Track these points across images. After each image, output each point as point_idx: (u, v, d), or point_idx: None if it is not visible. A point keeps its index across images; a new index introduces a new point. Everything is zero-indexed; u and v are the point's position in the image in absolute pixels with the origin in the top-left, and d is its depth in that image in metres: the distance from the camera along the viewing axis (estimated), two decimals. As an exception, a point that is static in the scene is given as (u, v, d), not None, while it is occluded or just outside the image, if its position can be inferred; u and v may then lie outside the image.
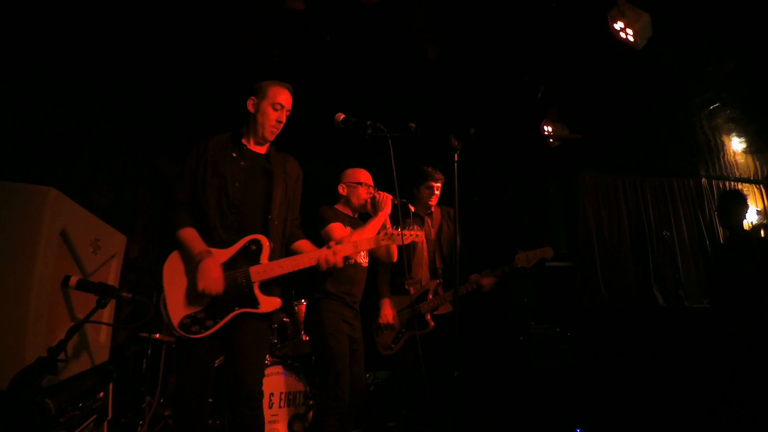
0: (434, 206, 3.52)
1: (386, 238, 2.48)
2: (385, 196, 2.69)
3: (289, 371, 3.17)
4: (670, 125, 5.20)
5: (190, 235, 2.12)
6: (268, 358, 3.21)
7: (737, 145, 5.76)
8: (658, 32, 3.31)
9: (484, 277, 3.36)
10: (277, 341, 3.45)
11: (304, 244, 2.36)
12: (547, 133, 4.61)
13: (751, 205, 5.69)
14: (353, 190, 2.82)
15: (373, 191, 2.81)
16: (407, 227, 2.54)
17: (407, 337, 3.25)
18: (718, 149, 5.68)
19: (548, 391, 3.84)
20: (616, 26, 3.24)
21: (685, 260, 5.26)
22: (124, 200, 3.94)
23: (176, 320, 2.03)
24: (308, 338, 3.43)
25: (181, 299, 2.07)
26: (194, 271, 2.07)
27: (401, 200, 2.46)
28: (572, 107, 4.66)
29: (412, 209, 3.36)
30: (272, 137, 2.31)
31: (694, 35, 3.76)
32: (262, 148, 2.33)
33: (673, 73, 4.30)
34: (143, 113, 4.16)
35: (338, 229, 2.62)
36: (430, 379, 2.23)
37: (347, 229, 2.67)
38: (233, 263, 2.11)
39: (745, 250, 3.31)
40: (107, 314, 2.07)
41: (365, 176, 2.87)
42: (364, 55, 3.91)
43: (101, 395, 1.98)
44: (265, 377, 2.98)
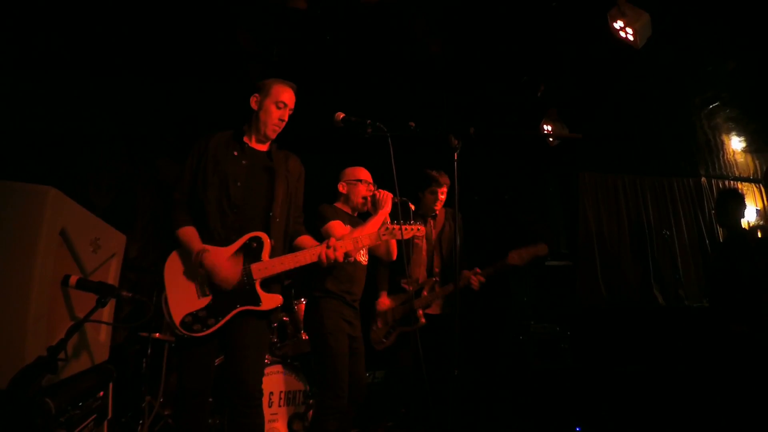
0: (436, 212, 3.53)
1: (387, 233, 2.46)
2: (385, 194, 2.69)
3: (288, 370, 3.17)
4: (669, 125, 5.20)
5: (189, 233, 2.12)
6: (268, 357, 3.21)
7: (737, 144, 5.76)
8: (657, 32, 3.31)
9: (473, 275, 3.27)
10: (276, 340, 3.45)
11: (306, 239, 2.36)
12: (546, 132, 4.61)
13: (750, 204, 5.69)
14: (353, 187, 2.83)
15: (373, 188, 2.81)
16: (408, 222, 2.53)
17: (398, 332, 3.26)
18: (717, 148, 5.68)
19: (548, 390, 3.84)
20: (615, 25, 3.24)
21: (684, 260, 5.26)
22: (123, 200, 3.94)
23: (178, 319, 2.03)
24: (308, 337, 3.43)
25: (182, 298, 2.07)
26: (195, 269, 2.08)
27: (401, 198, 2.46)
28: (572, 106, 4.66)
29: (412, 207, 3.36)
30: (274, 135, 2.31)
31: (693, 35, 3.76)
32: (263, 146, 2.33)
33: (672, 72, 4.30)
34: (143, 113, 4.16)
35: (338, 226, 2.62)
36: (430, 378, 2.23)
37: (347, 227, 2.67)
38: (234, 259, 2.12)
39: (742, 249, 3.32)
40: (107, 313, 2.07)
41: (365, 174, 2.87)
42: (363, 54, 3.91)
43: (101, 394, 1.97)
44: (264, 376, 3.00)
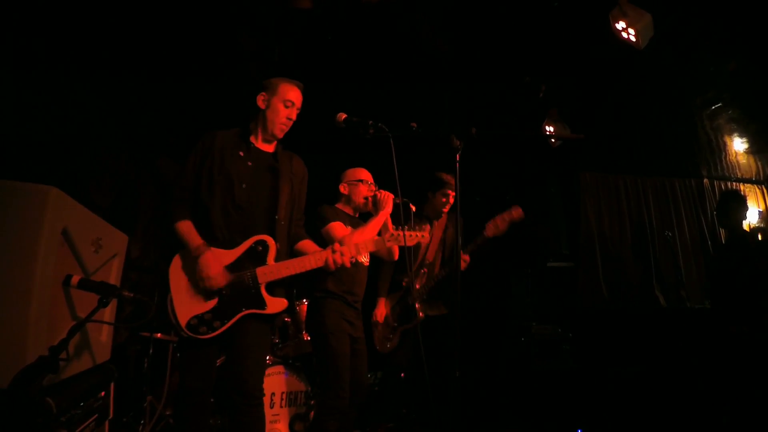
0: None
1: (392, 239, 2.48)
2: (386, 194, 2.68)
3: (290, 371, 3.17)
4: (671, 125, 5.19)
5: (186, 228, 2.11)
6: (269, 357, 3.21)
7: (739, 145, 5.74)
8: (659, 32, 3.30)
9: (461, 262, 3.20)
10: (278, 341, 3.46)
11: (308, 244, 2.36)
12: (548, 132, 4.60)
13: (752, 206, 5.68)
14: (354, 187, 2.83)
15: (374, 188, 2.81)
16: (415, 228, 2.54)
17: (400, 331, 3.28)
18: (719, 149, 5.67)
19: (549, 391, 3.84)
20: (617, 26, 3.23)
21: (686, 261, 5.25)
22: (125, 200, 3.94)
23: (184, 321, 2.03)
24: (310, 338, 3.44)
25: (188, 300, 2.06)
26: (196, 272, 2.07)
27: (403, 199, 2.47)
28: (574, 107, 4.65)
29: (413, 209, 3.36)
30: (282, 135, 2.29)
31: (695, 35, 3.75)
32: (269, 146, 2.32)
33: (674, 73, 4.29)
34: (145, 113, 4.16)
35: (339, 228, 2.62)
36: (430, 379, 2.22)
37: (348, 228, 2.67)
38: (239, 264, 2.11)
39: (743, 250, 3.31)
40: (108, 313, 2.07)
41: (366, 174, 2.87)
42: (364, 54, 3.91)
43: (102, 394, 1.98)
44: (266, 377, 3.01)
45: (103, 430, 1.99)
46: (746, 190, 5.77)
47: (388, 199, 2.67)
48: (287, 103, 2.25)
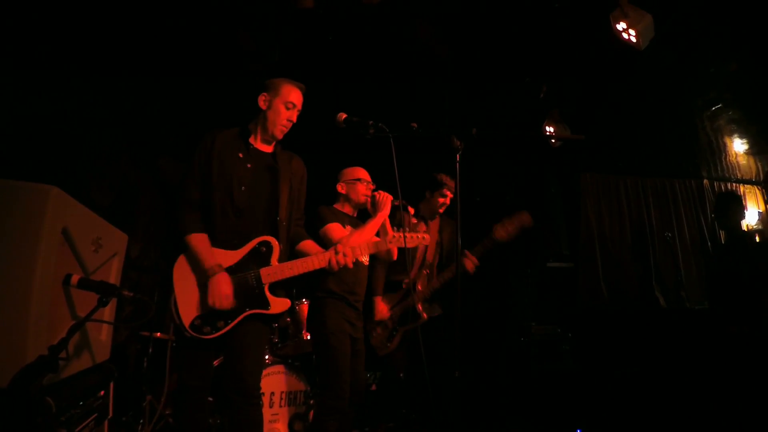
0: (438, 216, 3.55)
1: (394, 241, 2.50)
2: (385, 196, 2.69)
3: (290, 370, 3.17)
4: (672, 126, 5.19)
5: (201, 244, 2.08)
6: (269, 357, 3.21)
7: (739, 146, 5.75)
8: (660, 33, 3.30)
9: (465, 258, 3.24)
10: (278, 340, 3.45)
11: (309, 244, 2.37)
12: (549, 133, 4.61)
13: (752, 207, 5.68)
14: (352, 187, 2.83)
15: (372, 187, 2.82)
16: (415, 229, 2.55)
17: (401, 333, 3.25)
18: (720, 150, 5.67)
19: (549, 392, 3.84)
20: (618, 27, 3.24)
21: (686, 261, 5.25)
22: (125, 199, 3.94)
23: (188, 321, 2.04)
24: (309, 337, 3.43)
25: (191, 301, 2.07)
26: (204, 277, 2.06)
27: (402, 201, 2.47)
28: (574, 108, 4.66)
29: (411, 211, 3.38)
30: (282, 136, 2.29)
31: (696, 36, 3.75)
32: (269, 146, 2.31)
33: (675, 74, 4.30)
34: (145, 112, 4.16)
35: (336, 229, 2.62)
36: (430, 379, 2.22)
37: (346, 228, 2.68)
38: (243, 265, 2.12)
39: (743, 251, 3.31)
40: (108, 313, 2.07)
41: (363, 173, 2.88)
42: (365, 54, 3.91)
43: (102, 394, 1.98)
44: (266, 376, 3.01)
45: (102, 429, 1.99)
46: (746, 191, 5.77)
47: (386, 200, 2.67)
48: (289, 104, 2.24)
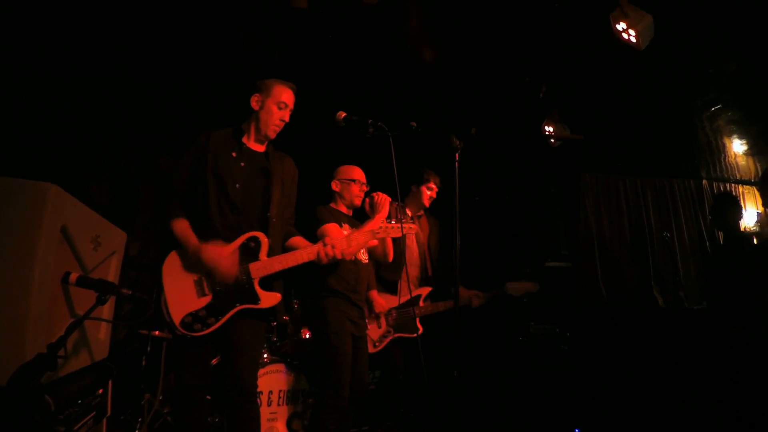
0: (424, 212, 3.57)
1: (382, 230, 2.50)
2: (383, 198, 2.70)
3: (288, 369, 3.17)
4: (671, 126, 5.19)
5: (182, 227, 2.14)
6: (267, 356, 3.21)
7: (738, 147, 5.74)
8: (660, 33, 3.30)
9: (474, 297, 3.59)
10: (276, 339, 3.45)
11: (298, 240, 2.40)
12: (548, 133, 4.60)
13: (751, 207, 5.68)
14: (346, 186, 2.86)
15: (366, 188, 2.83)
16: (402, 221, 2.56)
17: (393, 338, 3.24)
18: (719, 151, 5.67)
19: (547, 391, 3.84)
20: (618, 27, 3.23)
21: (685, 261, 5.25)
22: (124, 197, 3.94)
23: (178, 319, 2.05)
24: (308, 336, 3.44)
25: (181, 298, 2.08)
26: (195, 267, 2.09)
27: (399, 203, 2.48)
28: (574, 108, 4.65)
29: (409, 213, 3.40)
30: (274, 135, 2.33)
31: (696, 36, 3.75)
32: (261, 146, 2.35)
33: (674, 74, 4.29)
34: (144, 111, 4.16)
35: (333, 229, 2.64)
36: (429, 379, 2.23)
37: (343, 227, 2.69)
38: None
39: (741, 252, 3.32)
40: (107, 311, 2.08)
41: (358, 173, 2.88)
42: (365, 54, 3.90)
43: (100, 392, 1.98)
44: (264, 375, 3.01)
45: (101, 427, 1.99)
46: (745, 191, 5.77)
47: (384, 202, 2.68)
48: (281, 104, 2.28)
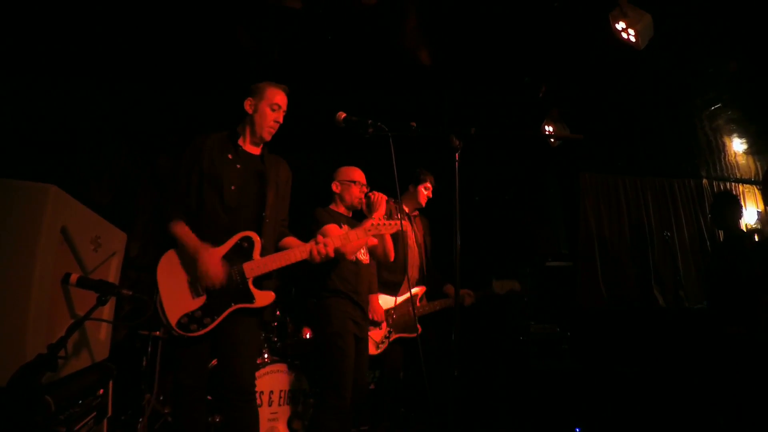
0: (418, 212, 3.58)
1: (373, 228, 2.49)
2: (380, 196, 2.71)
3: (289, 369, 3.17)
4: (671, 126, 5.19)
5: (181, 229, 2.15)
6: (268, 356, 3.22)
7: (738, 146, 5.74)
8: (659, 33, 3.30)
9: (467, 296, 3.61)
10: (277, 339, 3.45)
11: (291, 240, 2.42)
12: (548, 132, 4.60)
13: (751, 206, 5.68)
14: (346, 187, 2.85)
15: (366, 190, 2.83)
16: (392, 218, 2.56)
17: (394, 338, 3.24)
18: (719, 150, 5.67)
19: (548, 391, 3.84)
20: (617, 26, 3.23)
21: (685, 261, 5.25)
22: (124, 198, 3.94)
23: (174, 320, 2.06)
24: (309, 336, 3.43)
25: (177, 299, 2.09)
26: (190, 268, 2.11)
27: (396, 202, 2.48)
28: (574, 107, 4.65)
29: (407, 210, 3.39)
30: (269, 137, 2.36)
31: (695, 36, 3.75)
32: (256, 149, 2.38)
33: (674, 73, 4.29)
34: (144, 112, 4.16)
35: (333, 230, 2.64)
36: (429, 379, 2.23)
37: (343, 228, 2.68)
38: (226, 260, 2.15)
39: (741, 251, 3.32)
40: (107, 311, 2.08)
41: (359, 175, 2.88)
42: (364, 54, 3.90)
43: (101, 392, 1.98)
44: (265, 375, 3.02)
45: (101, 428, 1.99)
46: (745, 190, 5.77)
47: (381, 200, 2.69)
48: (274, 106, 2.31)
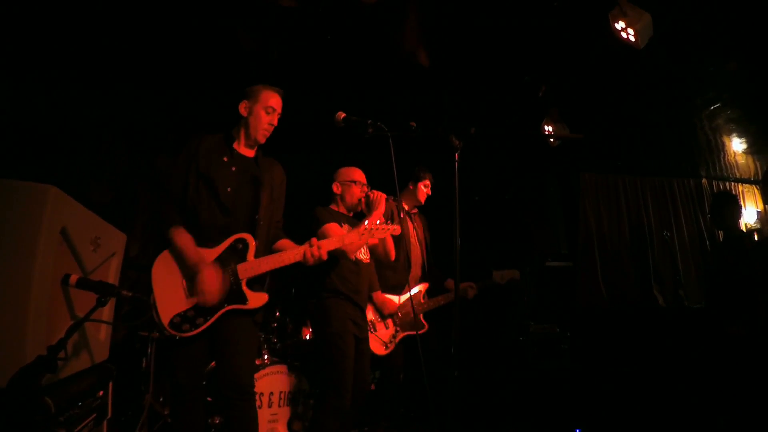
0: (417, 210, 3.58)
1: (366, 233, 2.48)
2: (378, 195, 2.70)
3: (289, 370, 3.17)
4: (670, 125, 5.19)
5: (183, 240, 2.13)
6: (267, 357, 3.21)
7: (738, 145, 5.75)
8: (659, 32, 3.30)
9: (469, 289, 3.64)
10: (277, 340, 3.45)
11: (285, 242, 2.42)
12: (547, 132, 4.61)
13: (751, 206, 5.68)
14: (347, 188, 2.85)
15: (366, 190, 2.82)
16: (392, 218, 2.55)
17: (402, 336, 3.25)
18: (718, 150, 5.67)
19: (547, 391, 3.84)
20: (617, 26, 3.23)
21: (685, 260, 5.25)
22: (124, 198, 3.94)
23: (167, 320, 2.06)
24: (309, 337, 3.43)
25: (170, 299, 2.10)
26: (183, 269, 2.12)
27: (396, 201, 2.48)
28: (573, 107, 4.65)
29: (406, 207, 3.39)
30: (264, 140, 2.36)
31: (695, 36, 3.75)
32: (251, 151, 2.39)
33: (674, 73, 4.29)
34: (144, 112, 4.15)
35: (334, 229, 2.63)
36: (429, 379, 2.23)
37: (343, 227, 2.68)
38: (220, 261, 2.16)
39: (740, 251, 3.32)
40: (107, 312, 2.08)
41: (359, 175, 2.88)
42: (364, 54, 3.90)
43: (101, 394, 1.97)
44: (265, 376, 3.01)
45: (101, 429, 1.99)
46: (744, 190, 5.77)
47: (380, 199, 2.69)
48: (269, 109, 2.31)
